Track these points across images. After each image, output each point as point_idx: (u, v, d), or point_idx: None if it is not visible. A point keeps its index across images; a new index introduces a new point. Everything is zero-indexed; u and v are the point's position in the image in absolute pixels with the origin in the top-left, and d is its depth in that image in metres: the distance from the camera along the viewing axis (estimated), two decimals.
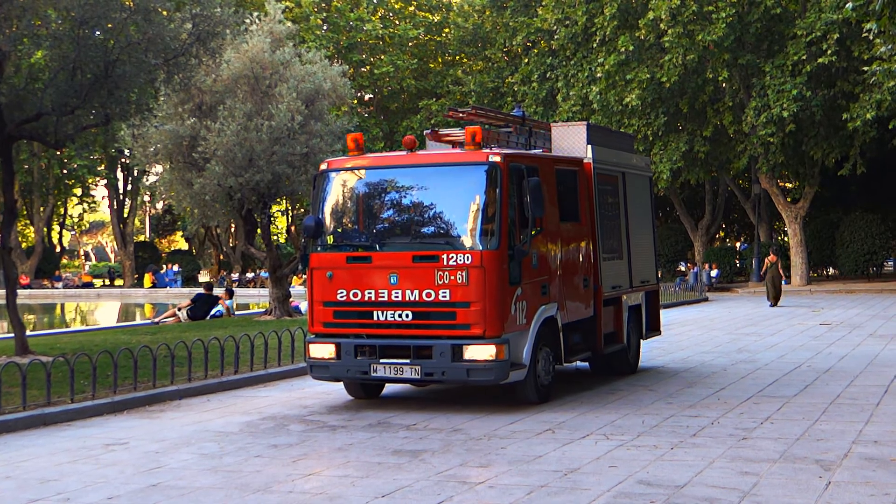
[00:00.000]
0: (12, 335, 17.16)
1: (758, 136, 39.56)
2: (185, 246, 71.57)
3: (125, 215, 59.74)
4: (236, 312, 29.02)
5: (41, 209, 58.53)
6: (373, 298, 12.69)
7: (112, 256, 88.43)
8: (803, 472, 9.12)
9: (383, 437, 11.21)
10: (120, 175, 58.53)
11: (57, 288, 53.99)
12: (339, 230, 13.60)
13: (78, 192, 63.62)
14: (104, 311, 44.58)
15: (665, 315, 29.30)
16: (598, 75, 41.84)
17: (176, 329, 23.10)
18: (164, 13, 16.47)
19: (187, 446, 10.98)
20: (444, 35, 55.47)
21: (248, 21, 24.62)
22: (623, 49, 40.15)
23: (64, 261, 74.41)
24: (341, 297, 12.89)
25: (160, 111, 23.94)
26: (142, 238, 73.82)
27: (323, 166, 13.73)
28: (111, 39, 16.06)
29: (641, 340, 16.78)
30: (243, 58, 24.06)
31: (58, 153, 47.57)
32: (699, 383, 14.99)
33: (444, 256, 12.37)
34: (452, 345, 12.31)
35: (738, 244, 60.29)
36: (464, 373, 12.33)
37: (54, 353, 15.70)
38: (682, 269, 52.36)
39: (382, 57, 52.68)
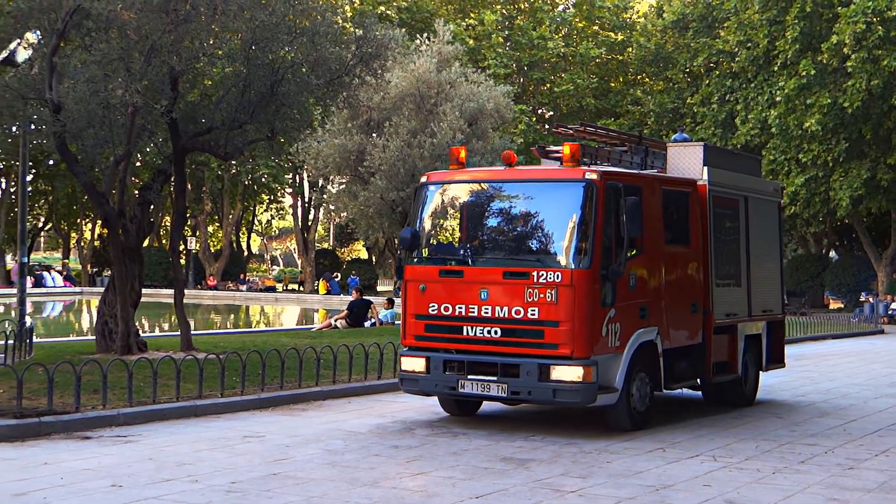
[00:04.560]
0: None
1: None
2: (365, 255, 73.60)
3: (308, 223, 61.98)
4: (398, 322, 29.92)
5: (230, 214, 61.34)
6: (463, 313, 12.60)
7: (299, 262, 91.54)
8: (893, 502, 9.20)
9: (499, 445, 11.74)
10: (306, 185, 60.77)
11: (241, 290, 56.49)
12: (434, 243, 13.59)
13: (265, 198, 66.33)
14: (279, 314, 46.55)
15: (829, 346, 28.94)
16: (778, 99, 41.32)
17: (334, 335, 24.16)
18: (329, 36, 17.43)
19: (316, 442, 11.77)
20: (625, 55, 55.55)
21: (416, 42, 25.61)
22: (804, 73, 39.54)
23: (252, 265, 77.66)
24: (433, 310, 12.84)
25: (332, 127, 25.15)
26: (325, 246, 76.30)
27: (423, 179, 13.79)
28: (278, 60, 17.16)
29: (761, 372, 16.09)
30: (410, 77, 25.08)
31: (250, 161, 49.78)
32: (832, 414, 14.92)
33: (535, 273, 12.19)
34: (539, 364, 12.10)
35: None
36: (550, 393, 12.13)
37: (217, 351, 16.83)
38: (863, 299, 50.78)
39: (563, 75, 53.19)
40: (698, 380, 14.51)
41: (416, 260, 13.26)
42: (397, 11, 50.90)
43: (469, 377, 12.55)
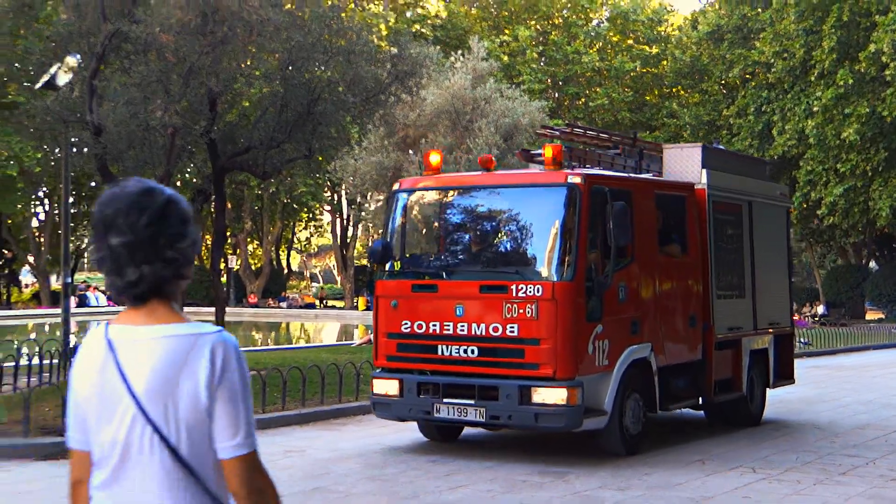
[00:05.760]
0: None
1: None
2: None
3: (347, 240, 62.28)
4: None
5: (270, 232, 61.77)
6: (438, 331, 11.58)
7: (338, 279, 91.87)
8: None
9: (537, 458, 11.77)
10: (344, 202, 61.11)
11: (281, 308, 56.78)
12: (407, 255, 12.54)
13: (304, 216, 66.74)
14: (319, 330, 46.80)
15: (870, 356, 28.69)
16: (815, 109, 41.12)
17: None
18: (364, 55, 17.63)
19: (357, 457, 11.88)
20: (660, 67, 55.49)
21: (451, 59, 25.81)
22: (842, 82, 39.34)
23: (292, 282, 78.02)
24: (405, 328, 11.78)
25: (368, 144, 25.38)
26: (364, 262, 76.51)
27: (395, 186, 12.83)
28: (314, 79, 17.38)
29: (768, 390, 15.01)
30: (445, 94, 25.27)
31: (288, 179, 50.18)
32: (873, 425, 14.82)
33: (514, 287, 11.10)
34: (520, 386, 11.05)
35: None
36: (531, 418, 11.09)
37: (258, 367, 16.97)
38: None
39: (598, 89, 53.21)
40: (699, 399, 13.49)
41: (387, 274, 12.27)
42: (432, 29, 51.15)
43: (445, 401, 11.51)
